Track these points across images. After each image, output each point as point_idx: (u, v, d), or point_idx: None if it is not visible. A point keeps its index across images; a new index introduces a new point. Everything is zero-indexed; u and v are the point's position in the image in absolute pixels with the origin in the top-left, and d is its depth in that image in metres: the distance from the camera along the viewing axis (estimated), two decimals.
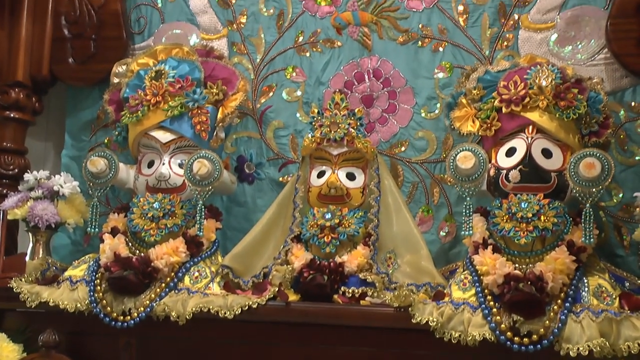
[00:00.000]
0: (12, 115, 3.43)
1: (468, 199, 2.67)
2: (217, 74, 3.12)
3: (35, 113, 3.52)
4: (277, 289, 2.73)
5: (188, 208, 2.98)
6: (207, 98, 3.04)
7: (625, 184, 2.90)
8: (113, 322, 2.78)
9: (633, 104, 2.94)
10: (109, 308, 2.80)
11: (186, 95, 3.02)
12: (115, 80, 3.23)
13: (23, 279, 2.95)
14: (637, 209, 2.64)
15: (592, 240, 2.51)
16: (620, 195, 2.91)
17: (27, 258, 3.13)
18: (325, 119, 2.94)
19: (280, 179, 3.30)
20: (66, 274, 2.99)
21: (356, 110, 2.96)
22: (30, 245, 3.19)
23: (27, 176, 3.21)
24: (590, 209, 2.51)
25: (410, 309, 2.52)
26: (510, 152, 2.70)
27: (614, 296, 2.49)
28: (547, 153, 2.66)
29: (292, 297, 2.72)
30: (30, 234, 3.19)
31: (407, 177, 3.18)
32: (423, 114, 3.19)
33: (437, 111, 3.18)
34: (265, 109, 3.35)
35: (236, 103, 3.07)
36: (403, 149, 3.20)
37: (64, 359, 2.83)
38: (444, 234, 3.12)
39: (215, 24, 3.46)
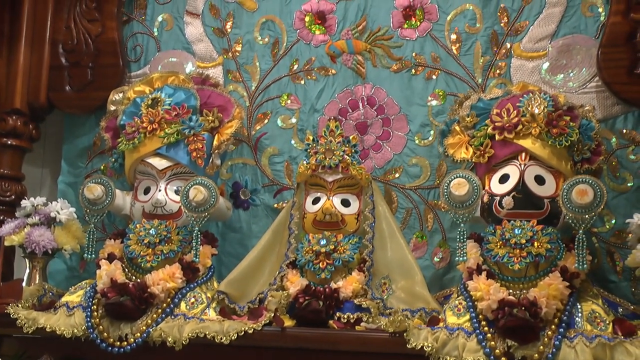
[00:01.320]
0: (9, 142, 3.43)
1: (462, 225, 2.66)
2: (213, 101, 3.13)
3: (32, 140, 3.51)
4: (272, 315, 2.72)
5: (184, 234, 2.97)
6: (203, 125, 3.04)
7: (618, 210, 2.89)
8: (110, 348, 2.77)
9: (624, 131, 2.93)
10: (105, 334, 2.79)
11: (182, 123, 3.02)
12: (112, 107, 3.23)
13: (20, 305, 2.94)
14: (630, 235, 2.64)
15: (585, 266, 2.50)
16: (613, 221, 2.90)
17: (24, 284, 3.11)
18: (320, 146, 2.94)
19: (275, 205, 3.29)
20: (63, 299, 2.98)
21: (351, 138, 2.97)
22: (27, 271, 3.16)
23: (24, 202, 3.20)
24: (583, 235, 2.51)
25: (405, 334, 2.50)
26: (504, 179, 2.70)
27: (607, 321, 2.48)
28: (540, 180, 2.66)
29: (288, 322, 2.71)
30: (27, 260, 3.17)
31: (401, 203, 3.18)
32: (417, 141, 3.19)
33: (430, 138, 3.18)
34: (260, 136, 3.35)
35: (232, 130, 3.08)
36: (397, 175, 3.19)
37: None
38: (438, 259, 3.11)
39: (210, 52, 3.46)
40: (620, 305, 2.66)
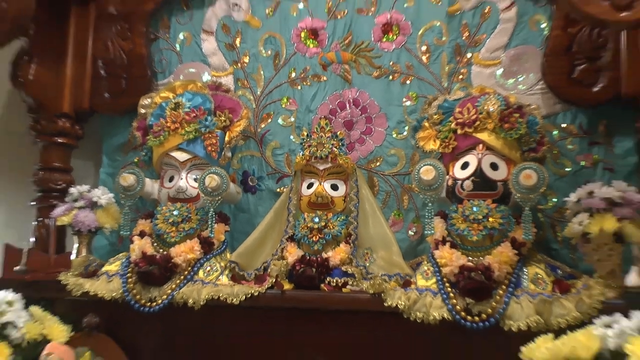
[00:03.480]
0: (59, 140, 3.43)
1: (430, 204, 2.69)
2: (225, 104, 3.13)
3: (78, 138, 3.52)
4: (274, 280, 2.74)
5: (202, 214, 2.98)
6: (217, 124, 3.05)
7: (559, 190, 2.90)
8: (141, 308, 2.79)
9: (564, 125, 2.94)
10: (138, 296, 2.81)
11: (199, 122, 3.03)
12: (142, 110, 3.23)
13: (69, 274, 2.97)
14: (568, 211, 2.64)
15: (530, 237, 2.53)
16: (555, 199, 2.91)
17: (73, 256, 3.13)
18: (313, 140, 2.96)
19: (278, 190, 3.29)
20: (104, 269, 3.00)
21: (338, 133, 2.98)
22: (75, 245, 3.18)
23: (72, 190, 3.22)
24: (530, 212, 2.54)
25: (383, 294, 2.54)
26: (465, 166, 2.72)
27: (547, 282, 2.51)
28: (494, 166, 2.68)
29: (287, 286, 2.73)
30: (75, 237, 3.19)
31: (382, 187, 3.18)
32: (394, 135, 3.20)
33: (405, 133, 3.18)
34: (264, 133, 3.36)
35: (240, 128, 3.08)
36: (378, 164, 3.20)
37: (102, 337, 2.86)
38: (412, 233, 3.12)
39: (223, 63, 3.46)
40: (559, 268, 2.67)
